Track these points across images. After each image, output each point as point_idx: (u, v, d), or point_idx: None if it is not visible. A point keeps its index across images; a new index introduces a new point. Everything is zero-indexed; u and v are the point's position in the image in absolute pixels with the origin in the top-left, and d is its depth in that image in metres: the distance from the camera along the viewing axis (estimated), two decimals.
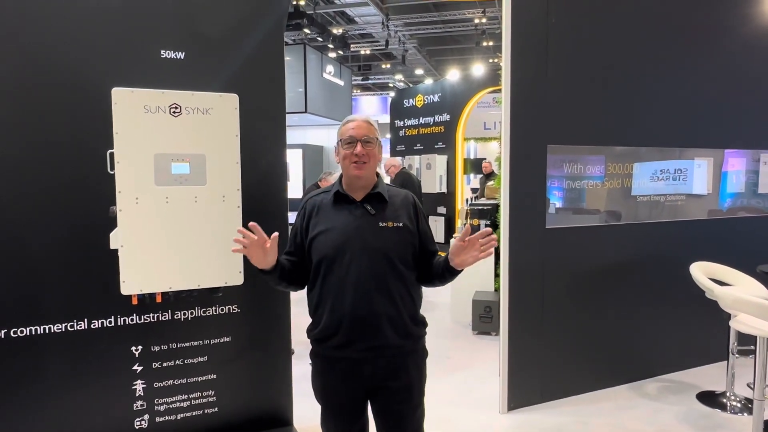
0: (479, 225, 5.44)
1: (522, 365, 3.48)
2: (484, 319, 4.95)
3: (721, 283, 3.39)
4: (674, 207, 4.04)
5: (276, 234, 1.77)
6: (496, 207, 5.50)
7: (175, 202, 2.34)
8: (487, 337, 4.94)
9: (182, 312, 2.63)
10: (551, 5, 3.42)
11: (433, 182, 9.75)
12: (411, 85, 17.70)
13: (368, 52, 17.03)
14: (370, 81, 20.70)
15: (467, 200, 6.64)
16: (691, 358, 4.09)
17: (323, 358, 1.89)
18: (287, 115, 2.84)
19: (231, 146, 2.43)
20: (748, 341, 3.35)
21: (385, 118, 18.12)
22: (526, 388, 3.51)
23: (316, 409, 1.94)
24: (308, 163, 16.36)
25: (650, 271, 3.86)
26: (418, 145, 10.35)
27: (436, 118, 10.08)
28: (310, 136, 17.08)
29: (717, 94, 4.05)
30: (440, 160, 9.80)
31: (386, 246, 1.81)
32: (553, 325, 3.59)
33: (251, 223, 1.76)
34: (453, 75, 11.15)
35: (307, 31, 12.24)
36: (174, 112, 2.32)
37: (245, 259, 2.44)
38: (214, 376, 2.71)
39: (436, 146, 10.01)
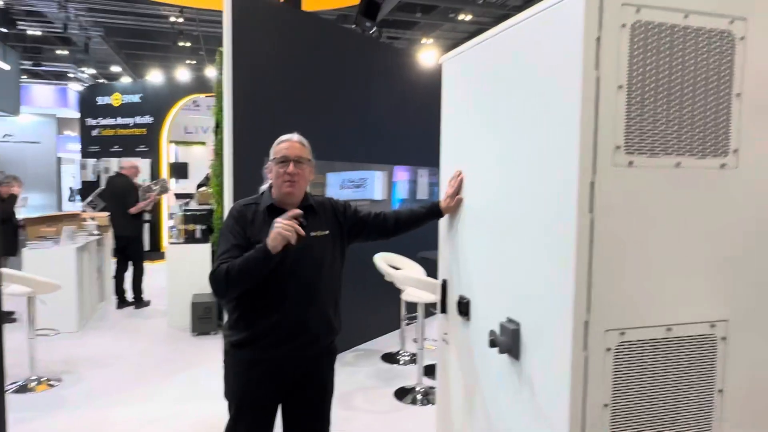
0: (195, 230, 5.59)
1: None
2: (203, 320, 5.15)
3: (396, 268, 4.44)
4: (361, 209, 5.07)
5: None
6: (211, 212, 5.74)
7: None
8: (207, 337, 5.15)
9: None
10: (267, 35, 3.94)
11: None
12: (107, 81, 15.92)
13: (39, 33, 14.61)
14: (42, 68, 17.76)
15: (180, 206, 6.61)
16: (377, 329, 5.17)
17: (249, 361, 1.97)
18: None
19: None
20: (414, 310, 4.49)
21: (66, 113, 15.91)
22: None
23: None
24: None
25: (350, 261, 4.73)
26: (116, 146, 9.66)
27: (137, 120, 9.59)
28: None
29: (389, 122, 5.23)
30: (143, 164, 9.36)
31: (318, 255, 2.01)
32: None
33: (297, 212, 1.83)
34: (156, 76, 10.72)
35: None
36: None
37: None
38: None
39: (137, 149, 9.52)
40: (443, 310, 2.18)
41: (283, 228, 1.78)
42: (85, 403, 3.64)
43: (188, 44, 14.18)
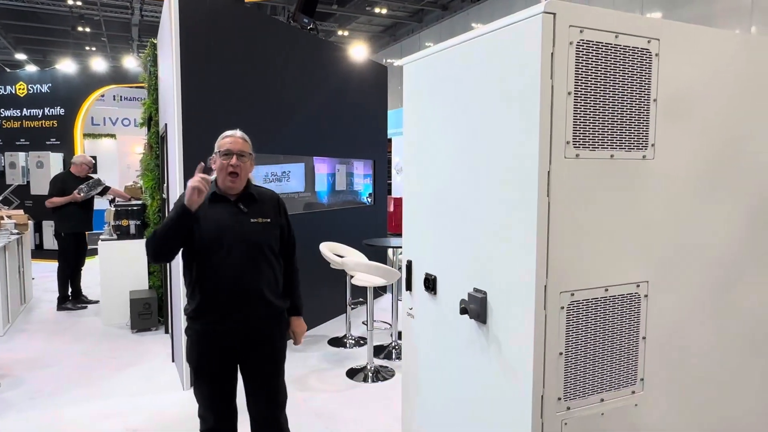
0: (128, 225, 5.46)
1: None
2: (143, 316, 5.07)
3: (339, 256, 4.64)
4: (303, 201, 5.22)
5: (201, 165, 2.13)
6: (144, 207, 5.63)
7: None
8: (148, 333, 5.08)
9: None
10: (215, 32, 3.96)
11: (46, 182, 8.69)
12: (8, 70, 14.50)
13: None
14: None
15: (111, 201, 6.35)
16: (321, 316, 5.35)
17: (200, 332, 2.21)
18: None
19: None
20: (358, 296, 4.71)
21: None
22: None
23: None
24: None
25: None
26: (23, 140, 9.01)
27: (47, 111, 8.99)
28: None
29: (317, 115, 5.32)
30: (55, 158, 8.83)
31: (257, 237, 2.23)
32: None
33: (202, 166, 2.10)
34: (67, 65, 10.06)
35: None
36: None
37: None
38: None
39: (48, 142, 8.94)
40: (408, 288, 2.43)
41: (191, 181, 2.06)
42: (31, 405, 3.53)
43: (88, 29, 13.26)
